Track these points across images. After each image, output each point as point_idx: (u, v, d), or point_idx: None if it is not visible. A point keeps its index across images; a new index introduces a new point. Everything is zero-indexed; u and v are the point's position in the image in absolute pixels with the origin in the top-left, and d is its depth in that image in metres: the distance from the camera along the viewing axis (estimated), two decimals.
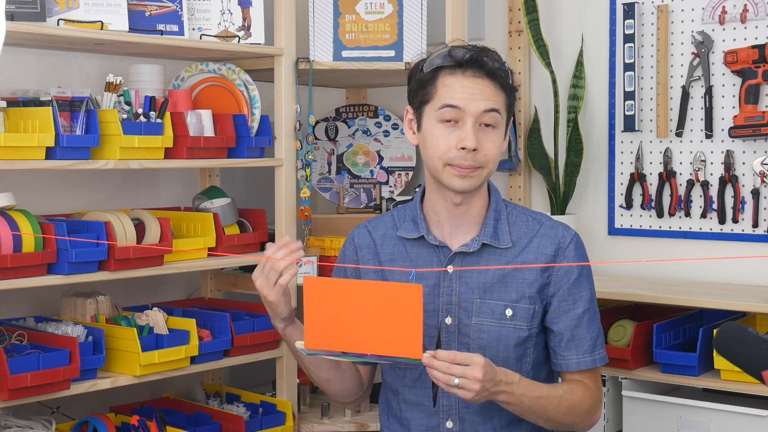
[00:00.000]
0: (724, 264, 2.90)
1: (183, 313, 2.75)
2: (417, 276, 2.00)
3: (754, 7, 2.81)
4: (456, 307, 2.04)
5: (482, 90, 1.97)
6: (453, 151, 1.97)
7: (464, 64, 1.98)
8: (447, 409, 2.05)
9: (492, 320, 2.03)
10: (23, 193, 2.64)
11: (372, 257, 2.12)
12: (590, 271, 2.10)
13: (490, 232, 2.04)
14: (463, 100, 1.96)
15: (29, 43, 2.62)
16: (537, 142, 3.13)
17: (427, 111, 2.01)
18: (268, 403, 2.85)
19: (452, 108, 1.97)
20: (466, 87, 1.97)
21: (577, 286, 2.05)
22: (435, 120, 1.99)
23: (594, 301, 2.09)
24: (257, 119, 2.81)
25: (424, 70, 2.02)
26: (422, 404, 2.06)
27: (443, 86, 1.98)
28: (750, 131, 2.77)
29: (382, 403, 2.19)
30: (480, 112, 1.96)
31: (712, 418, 2.51)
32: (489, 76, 1.98)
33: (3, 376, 2.22)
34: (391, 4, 2.94)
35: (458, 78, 1.98)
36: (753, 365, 1.67)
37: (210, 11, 2.77)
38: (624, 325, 2.73)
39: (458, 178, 1.98)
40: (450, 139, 1.97)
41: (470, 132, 1.95)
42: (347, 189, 3.27)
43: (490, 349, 2.02)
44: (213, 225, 2.74)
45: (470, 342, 2.03)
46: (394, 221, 2.14)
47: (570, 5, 3.20)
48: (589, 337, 2.05)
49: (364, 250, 2.14)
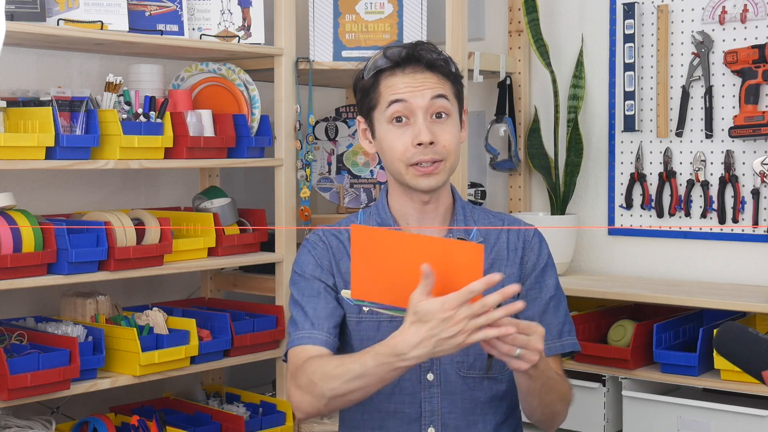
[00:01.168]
0: (724, 264, 2.90)
1: (183, 313, 2.75)
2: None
3: (754, 7, 2.81)
4: None
5: (424, 82, 1.95)
6: (410, 150, 1.93)
7: (402, 62, 1.96)
8: (429, 415, 1.96)
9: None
10: (23, 193, 2.64)
11: (344, 257, 2.01)
12: (553, 260, 2.08)
13: (461, 230, 2.02)
14: (408, 93, 1.93)
15: (29, 43, 2.62)
16: (537, 142, 3.13)
17: (377, 116, 1.98)
18: (268, 403, 2.85)
19: (399, 103, 1.93)
20: (408, 83, 1.94)
21: (543, 275, 2.03)
22: (385, 122, 1.96)
23: (560, 289, 2.07)
24: (257, 119, 2.81)
25: (365, 77, 1.99)
26: (401, 411, 1.97)
27: (386, 87, 1.96)
28: (750, 131, 2.77)
29: (347, 419, 2.04)
30: (427, 102, 1.93)
31: (712, 418, 2.50)
32: (429, 68, 1.95)
33: (3, 376, 2.22)
34: (391, 4, 2.94)
35: (399, 77, 1.95)
36: (753, 365, 1.67)
37: (210, 11, 2.77)
38: (624, 325, 2.73)
39: (422, 177, 1.94)
40: (404, 138, 1.94)
41: (423, 126, 1.92)
42: (347, 189, 3.27)
43: (474, 347, 1.91)
44: (213, 225, 2.74)
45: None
46: (358, 223, 2.06)
47: (570, 5, 3.20)
48: (556, 322, 2.02)
49: (334, 251, 2.02)
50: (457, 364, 1.97)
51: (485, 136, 3.20)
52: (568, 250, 3.05)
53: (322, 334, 1.93)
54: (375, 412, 1.98)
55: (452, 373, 1.97)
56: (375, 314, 1.98)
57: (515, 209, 3.23)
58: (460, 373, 1.97)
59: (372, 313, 1.98)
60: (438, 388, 1.97)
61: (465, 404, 1.97)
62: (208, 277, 3.11)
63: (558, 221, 3.05)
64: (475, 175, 3.28)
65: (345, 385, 1.80)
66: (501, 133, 3.16)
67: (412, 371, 1.94)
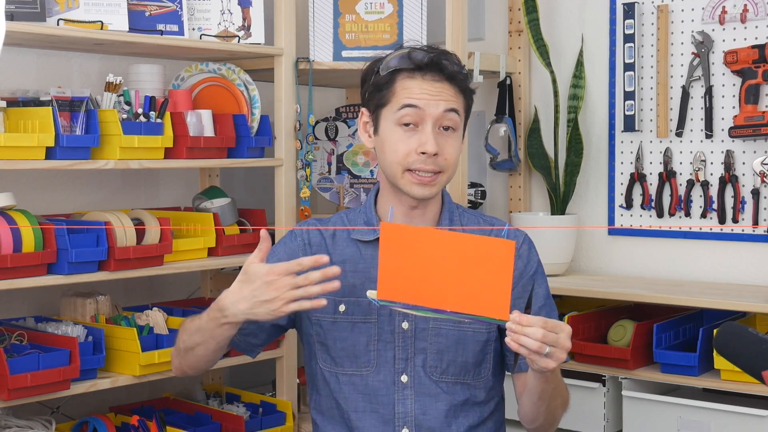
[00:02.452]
0: (724, 264, 2.90)
1: (183, 313, 2.74)
2: (372, 279, 1.86)
3: (754, 7, 2.81)
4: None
5: (441, 92, 1.94)
6: (413, 156, 1.92)
7: (424, 67, 1.94)
8: (403, 416, 1.97)
9: (449, 324, 1.96)
10: (23, 193, 2.64)
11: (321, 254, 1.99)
12: (543, 268, 2.07)
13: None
14: (423, 101, 1.92)
15: (29, 43, 2.62)
16: (537, 142, 3.13)
17: (385, 114, 1.96)
18: (268, 403, 2.85)
19: (412, 108, 1.92)
20: (425, 89, 1.93)
21: (531, 284, 2.00)
22: (393, 123, 1.95)
23: (550, 298, 2.06)
24: (257, 119, 2.81)
25: (381, 72, 1.97)
26: (376, 411, 1.97)
27: (402, 89, 1.94)
28: (750, 131, 2.77)
29: (322, 409, 2.04)
30: (440, 113, 1.93)
31: (712, 418, 2.50)
32: (449, 80, 1.95)
33: (3, 376, 2.22)
34: (391, 4, 2.94)
35: (417, 81, 1.94)
36: (753, 365, 1.67)
37: (210, 11, 2.77)
38: (624, 325, 2.73)
39: (417, 185, 1.94)
40: (410, 143, 1.93)
41: (430, 136, 1.91)
42: (347, 189, 3.27)
43: (448, 353, 1.97)
44: (213, 225, 2.74)
45: (427, 347, 1.97)
46: (344, 223, 2.06)
47: (570, 5, 3.20)
48: None
49: (314, 248, 2.02)
50: (430, 368, 1.97)
51: (485, 136, 3.20)
52: (567, 250, 3.05)
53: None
54: (351, 411, 1.99)
55: (424, 376, 1.97)
56: (349, 315, 1.98)
57: (515, 209, 3.23)
58: (432, 378, 1.97)
59: (348, 313, 1.98)
60: (412, 390, 1.97)
61: (439, 406, 1.97)
62: (208, 277, 3.11)
63: (558, 221, 3.05)
64: (475, 175, 3.28)
65: (190, 338, 1.97)
66: (501, 133, 3.16)
67: (386, 372, 1.96)
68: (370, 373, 1.97)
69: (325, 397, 2.03)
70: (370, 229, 2.00)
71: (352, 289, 1.98)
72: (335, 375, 2.00)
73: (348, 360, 1.98)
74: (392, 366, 1.97)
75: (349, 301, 1.98)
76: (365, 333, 1.97)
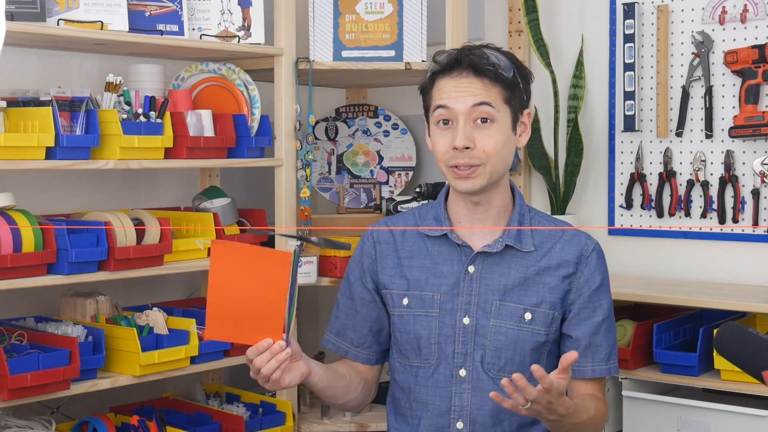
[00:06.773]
0: (724, 264, 2.90)
1: (183, 313, 2.75)
2: (436, 275, 2.05)
3: (754, 7, 2.81)
4: (475, 307, 2.04)
5: (469, 87, 2.00)
6: (450, 152, 2.01)
7: (448, 66, 2.03)
8: (459, 409, 2.04)
9: (510, 323, 2.03)
10: (23, 193, 2.64)
11: (391, 252, 2.13)
12: (609, 281, 2.12)
13: (514, 234, 2.06)
14: (450, 99, 2.00)
15: (29, 43, 2.62)
16: (537, 142, 3.13)
17: (430, 117, 2.07)
18: (268, 403, 2.85)
19: (443, 108, 2.02)
20: (452, 87, 2.01)
21: (598, 295, 2.07)
22: (434, 124, 2.05)
23: (612, 311, 2.11)
24: (257, 119, 2.81)
25: (426, 77, 2.08)
26: (433, 403, 2.06)
27: (436, 91, 2.04)
28: (750, 131, 2.77)
29: (389, 402, 2.19)
30: (468, 108, 1.99)
31: (712, 418, 2.50)
32: (475, 73, 2.00)
33: (3, 376, 2.22)
34: (391, 4, 2.94)
35: (446, 80, 2.02)
36: (753, 365, 1.67)
37: (210, 11, 2.77)
38: (624, 325, 2.73)
39: (459, 180, 2.01)
40: (446, 140, 2.02)
41: (460, 131, 1.99)
42: (347, 189, 3.28)
43: (506, 351, 2.03)
44: (213, 225, 2.74)
45: (487, 343, 2.03)
46: (415, 219, 2.16)
47: (570, 5, 3.20)
48: (606, 345, 2.07)
49: (383, 245, 2.14)
50: (488, 364, 2.04)
51: None
52: None
53: (344, 344, 2.18)
54: (413, 401, 2.09)
55: (482, 372, 2.03)
56: (412, 308, 2.09)
57: None
58: (489, 374, 2.03)
59: (410, 306, 2.09)
60: (469, 384, 2.04)
61: (493, 402, 1.98)
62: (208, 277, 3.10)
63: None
64: None
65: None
66: None
67: (446, 366, 2.05)
68: (431, 366, 2.06)
69: (394, 388, 2.15)
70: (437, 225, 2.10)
71: (416, 284, 2.08)
72: (403, 366, 2.11)
73: (413, 352, 2.08)
74: (451, 360, 2.05)
75: (413, 294, 2.09)
76: (426, 326, 2.06)
